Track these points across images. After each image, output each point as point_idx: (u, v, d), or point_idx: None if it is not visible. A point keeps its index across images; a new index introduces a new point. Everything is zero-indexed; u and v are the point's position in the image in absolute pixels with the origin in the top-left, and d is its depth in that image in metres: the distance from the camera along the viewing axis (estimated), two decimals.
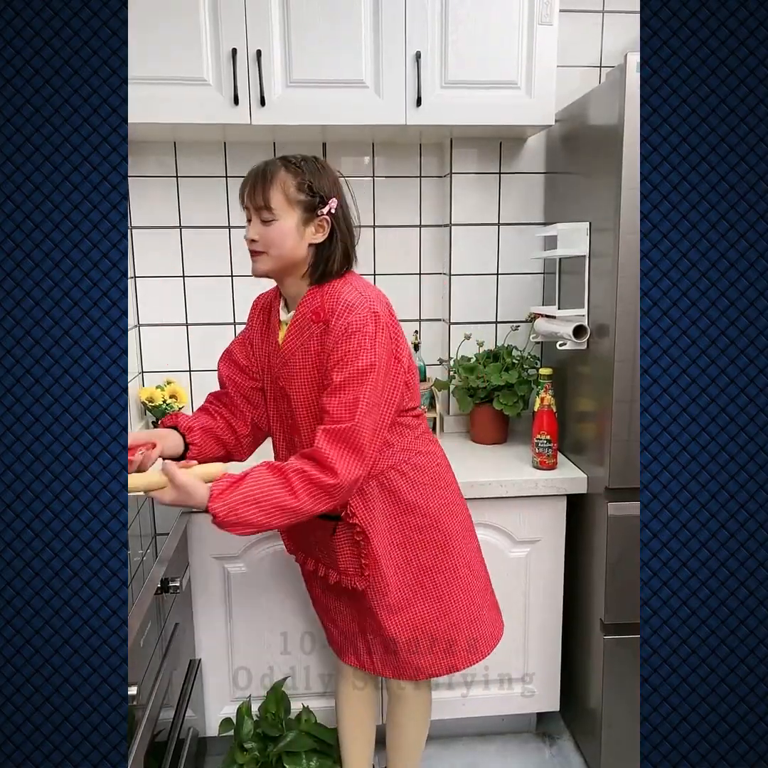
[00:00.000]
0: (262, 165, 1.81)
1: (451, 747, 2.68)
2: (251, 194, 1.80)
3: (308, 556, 2.09)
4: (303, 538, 2.07)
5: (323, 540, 1.99)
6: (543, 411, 2.46)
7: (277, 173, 1.78)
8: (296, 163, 1.80)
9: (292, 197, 1.79)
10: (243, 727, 2.35)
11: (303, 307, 1.87)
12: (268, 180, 1.78)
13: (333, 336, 1.78)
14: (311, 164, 1.83)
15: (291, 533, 2.11)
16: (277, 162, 1.80)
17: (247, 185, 1.81)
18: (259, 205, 1.79)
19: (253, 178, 1.80)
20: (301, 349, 1.86)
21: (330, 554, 1.99)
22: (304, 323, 1.86)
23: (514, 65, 2.44)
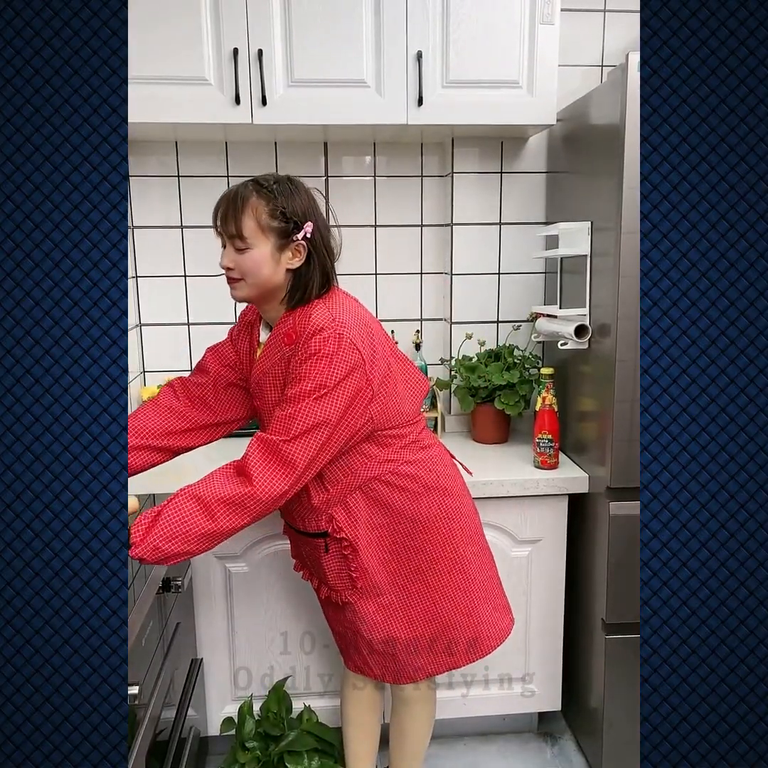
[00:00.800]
0: (233, 190, 1.77)
1: (453, 747, 2.67)
2: (223, 222, 1.77)
3: (304, 567, 2.12)
4: (297, 550, 2.11)
5: (313, 555, 2.00)
6: (544, 410, 2.46)
7: (249, 199, 1.74)
8: (268, 187, 1.76)
9: (265, 224, 1.76)
10: (244, 727, 2.35)
11: (277, 330, 1.86)
12: (239, 207, 1.74)
13: (296, 358, 1.77)
14: (284, 186, 1.79)
15: (291, 542, 2.14)
16: (249, 186, 1.76)
17: (218, 211, 1.78)
18: (231, 233, 1.76)
19: (225, 205, 1.76)
20: (271, 371, 1.86)
21: (320, 569, 2.00)
22: (276, 346, 1.85)
23: (516, 64, 2.44)
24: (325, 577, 1.99)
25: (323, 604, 2.12)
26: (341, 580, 1.97)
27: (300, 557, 2.12)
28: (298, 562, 2.15)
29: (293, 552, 2.16)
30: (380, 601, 1.97)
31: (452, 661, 2.04)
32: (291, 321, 1.83)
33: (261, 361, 1.89)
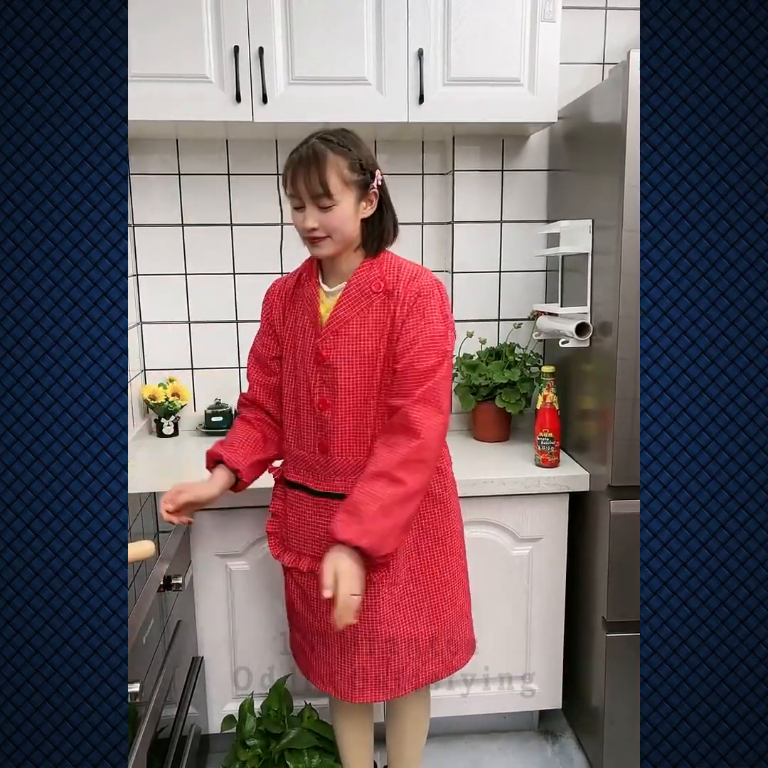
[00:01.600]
0: (308, 150, 1.75)
1: (453, 745, 2.68)
2: (306, 181, 1.74)
3: (303, 555, 2.00)
4: (307, 534, 1.99)
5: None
6: (545, 409, 2.46)
7: (327, 156, 1.74)
8: (339, 141, 1.77)
9: (348, 179, 1.76)
10: (245, 724, 2.35)
11: (358, 279, 1.86)
12: (322, 165, 1.73)
13: (403, 302, 1.83)
14: (350, 138, 1.80)
15: (289, 531, 2.03)
16: (320, 144, 1.75)
17: (298, 172, 1.75)
18: (316, 192, 1.74)
19: (306, 165, 1.74)
20: (356, 318, 1.85)
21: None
22: (361, 294, 1.85)
23: (517, 62, 2.44)
24: None
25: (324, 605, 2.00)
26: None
27: (305, 544, 1.99)
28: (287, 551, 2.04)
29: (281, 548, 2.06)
30: (393, 591, 1.92)
31: (453, 662, 2.05)
32: (376, 270, 1.87)
33: (340, 311, 1.86)
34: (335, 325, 1.86)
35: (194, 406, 3.00)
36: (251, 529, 2.34)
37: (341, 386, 1.87)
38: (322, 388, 1.89)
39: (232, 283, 2.91)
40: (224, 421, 2.88)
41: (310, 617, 2.02)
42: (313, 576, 1.93)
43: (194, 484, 1.94)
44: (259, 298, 2.33)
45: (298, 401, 1.95)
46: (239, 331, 2.94)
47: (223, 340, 2.95)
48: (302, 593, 2.02)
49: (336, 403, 1.88)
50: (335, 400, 1.88)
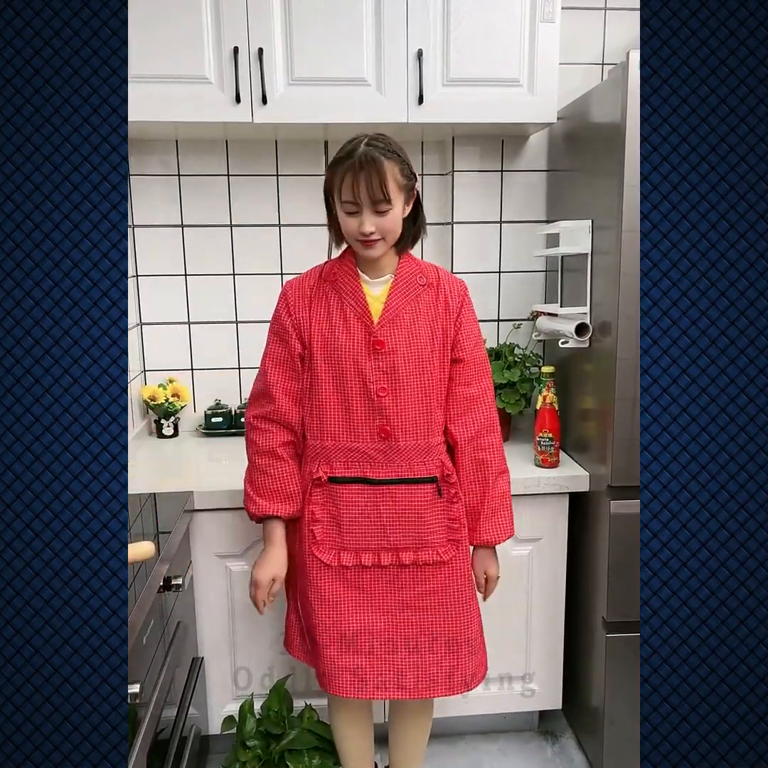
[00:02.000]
0: (365, 157, 1.78)
1: (454, 745, 2.68)
2: (368, 188, 1.78)
3: (365, 550, 1.99)
4: (368, 527, 1.98)
5: (410, 511, 1.97)
6: (545, 409, 2.46)
7: (383, 163, 1.78)
8: (387, 147, 1.81)
9: (401, 183, 1.84)
10: (246, 725, 2.35)
11: (403, 271, 1.97)
12: (383, 173, 1.78)
13: (453, 295, 2.00)
14: (396, 145, 1.85)
15: (343, 530, 1.99)
16: (375, 151, 1.79)
17: (359, 179, 1.78)
18: (377, 198, 1.79)
19: (366, 172, 1.77)
20: (408, 307, 1.95)
21: (416, 527, 1.98)
22: (409, 285, 1.96)
23: (516, 63, 2.44)
24: (421, 534, 1.97)
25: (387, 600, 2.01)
26: (440, 534, 2.00)
27: (369, 538, 1.98)
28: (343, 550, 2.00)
29: (334, 548, 2.00)
30: (459, 591, 2.06)
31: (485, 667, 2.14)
32: (414, 265, 2.00)
33: (394, 299, 1.95)
34: (391, 313, 1.94)
35: (194, 406, 3.00)
36: (251, 529, 2.33)
37: (401, 371, 1.93)
38: (380, 375, 1.93)
39: (232, 284, 2.91)
40: (224, 422, 2.88)
41: (369, 615, 2.01)
42: (381, 569, 1.99)
43: (277, 566, 2.03)
44: (259, 299, 2.34)
45: (347, 394, 1.95)
46: (239, 331, 2.94)
47: (223, 340, 2.95)
48: (358, 591, 2.01)
49: (396, 388, 1.94)
50: (395, 386, 1.93)
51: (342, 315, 1.94)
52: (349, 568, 1.99)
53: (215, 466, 2.61)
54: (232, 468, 2.50)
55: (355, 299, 1.94)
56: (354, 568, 1.99)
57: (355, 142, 1.82)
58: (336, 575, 1.99)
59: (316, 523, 2.00)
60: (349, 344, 1.93)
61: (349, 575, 2.00)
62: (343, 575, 1.99)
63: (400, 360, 1.92)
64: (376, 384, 1.92)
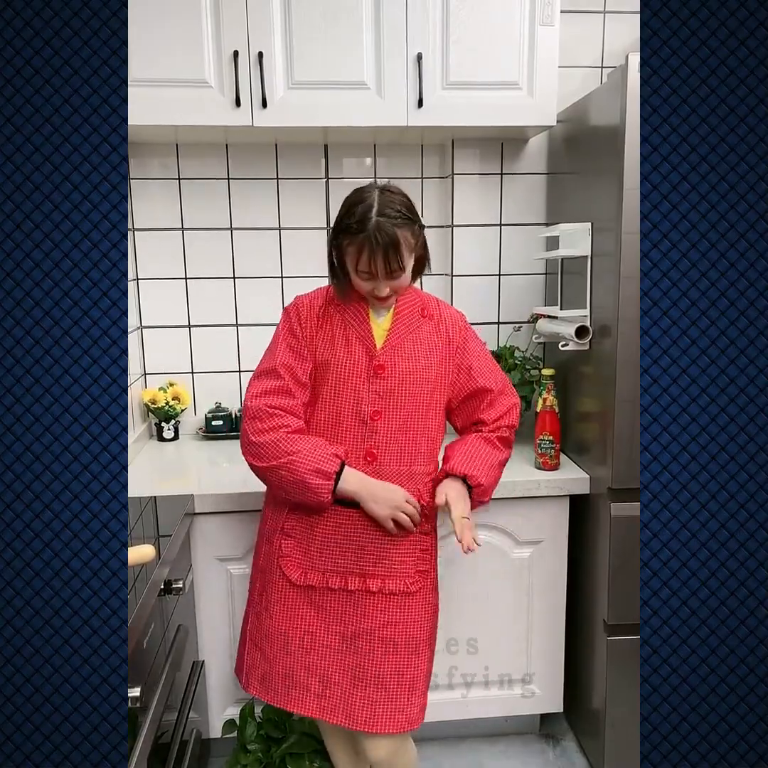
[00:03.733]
0: (381, 235, 1.78)
1: (455, 748, 2.67)
2: (386, 266, 1.81)
3: (333, 573, 1.97)
4: (339, 549, 1.96)
5: (387, 539, 1.96)
6: (545, 411, 2.46)
7: (398, 237, 1.80)
8: (401, 215, 1.82)
9: (413, 245, 1.87)
10: (246, 729, 2.35)
11: (406, 302, 2.00)
12: (397, 247, 1.80)
13: (455, 327, 2.04)
14: (402, 202, 1.85)
15: (312, 549, 1.97)
16: (389, 226, 1.79)
17: (376, 257, 1.80)
18: (394, 269, 1.83)
19: (383, 251, 1.79)
20: (411, 335, 1.98)
21: (389, 555, 1.96)
22: (412, 316, 1.99)
23: (516, 66, 2.44)
24: (392, 563, 1.96)
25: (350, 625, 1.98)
26: (410, 564, 1.99)
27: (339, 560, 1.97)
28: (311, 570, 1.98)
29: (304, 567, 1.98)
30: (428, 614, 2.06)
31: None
32: (415, 296, 2.04)
33: (397, 327, 1.98)
34: (394, 339, 1.96)
35: (194, 410, 3.00)
36: (252, 532, 2.33)
37: (397, 396, 1.95)
38: (375, 398, 1.93)
39: (232, 287, 2.92)
40: (224, 425, 2.88)
41: (327, 637, 1.98)
42: (347, 593, 1.97)
43: (394, 489, 1.98)
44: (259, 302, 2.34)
45: (341, 414, 1.95)
46: (239, 334, 2.95)
47: (223, 343, 2.96)
48: (325, 614, 1.98)
49: (390, 413, 1.94)
50: (389, 410, 1.94)
51: (345, 338, 1.95)
52: (315, 589, 1.98)
53: (216, 469, 2.61)
54: (232, 471, 2.51)
55: (359, 323, 1.96)
56: (320, 589, 1.98)
57: (365, 207, 1.81)
58: (301, 594, 1.98)
59: (288, 538, 1.99)
60: (349, 366, 1.94)
61: (314, 596, 1.98)
62: (307, 595, 1.98)
63: (397, 385, 1.94)
64: (371, 407, 1.93)
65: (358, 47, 2.38)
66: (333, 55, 2.37)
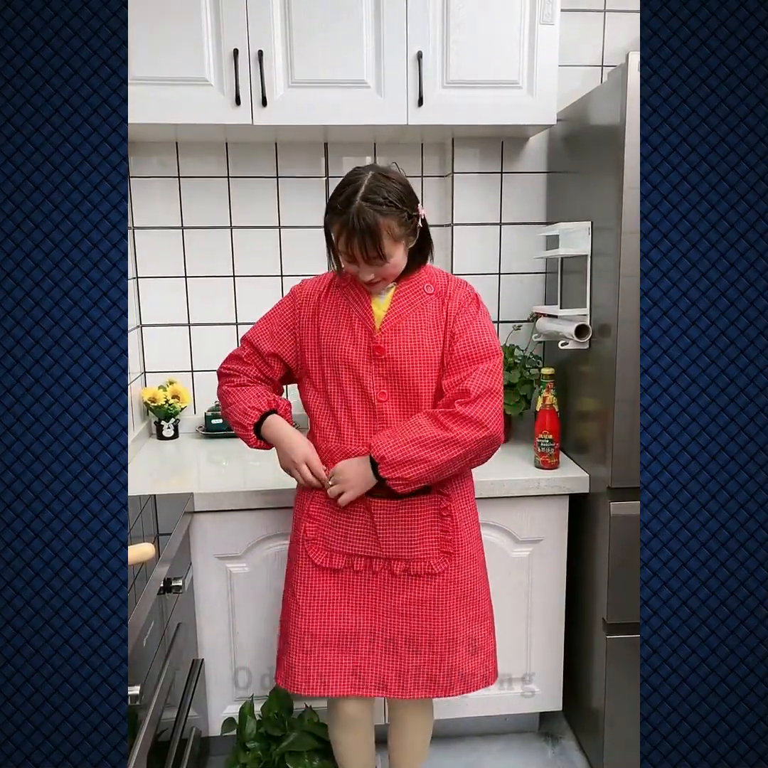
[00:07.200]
0: (359, 220, 1.76)
1: (454, 747, 2.68)
2: (362, 251, 1.79)
3: (356, 557, 2.00)
4: (357, 533, 1.99)
5: (403, 523, 1.97)
6: (545, 410, 2.46)
7: (379, 223, 1.76)
8: (385, 202, 1.78)
9: (398, 234, 1.82)
10: (246, 727, 2.35)
11: (409, 279, 1.96)
12: (377, 235, 1.77)
13: (457, 303, 1.95)
14: (391, 187, 1.81)
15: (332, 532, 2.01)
16: (370, 212, 1.76)
17: (352, 242, 1.79)
18: (372, 257, 1.80)
19: (360, 236, 1.77)
20: (412, 314, 1.94)
21: (410, 538, 1.97)
22: (414, 293, 1.96)
23: (516, 65, 2.44)
24: (412, 545, 1.97)
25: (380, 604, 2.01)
26: (433, 546, 1.98)
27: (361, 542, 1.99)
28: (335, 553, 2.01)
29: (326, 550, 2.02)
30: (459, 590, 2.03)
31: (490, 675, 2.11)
32: (424, 275, 1.99)
33: (397, 306, 1.95)
34: (393, 320, 1.94)
35: (194, 408, 3.00)
36: (251, 531, 2.34)
37: (401, 377, 1.93)
38: (380, 381, 1.94)
39: (232, 286, 2.92)
40: (224, 424, 2.88)
41: (359, 617, 2.01)
42: (372, 573, 2.00)
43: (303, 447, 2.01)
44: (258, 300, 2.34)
45: (349, 397, 1.96)
46: (239, 333, 2.94)
47: (223, 342, 2.95)
48: (348, 591, 2.02)
49: (397, 394, 1.94)
50: (395, 392, 1.94)
51: (348, 321, 1.96)
52: (340, 571, 2.00)
53: (215, 468, 2.61)
54: (232, 469, 2.50)
55: (360, 305, 1.96)
56: (345, 570, 2.00)
57: (353, 189, 1.79)
58: (327, 576, 2.01)
59: (312, 521, 2.02)
60: (352, 349, 1.94)
61: (341, 576, 2.01)
62: (334, 576, 2.01)
63: (399, 366, 1.92)
64: (376, 389, 1.93)
65: (358, 46, 2.38)
66: (333, 53, 2.37)
